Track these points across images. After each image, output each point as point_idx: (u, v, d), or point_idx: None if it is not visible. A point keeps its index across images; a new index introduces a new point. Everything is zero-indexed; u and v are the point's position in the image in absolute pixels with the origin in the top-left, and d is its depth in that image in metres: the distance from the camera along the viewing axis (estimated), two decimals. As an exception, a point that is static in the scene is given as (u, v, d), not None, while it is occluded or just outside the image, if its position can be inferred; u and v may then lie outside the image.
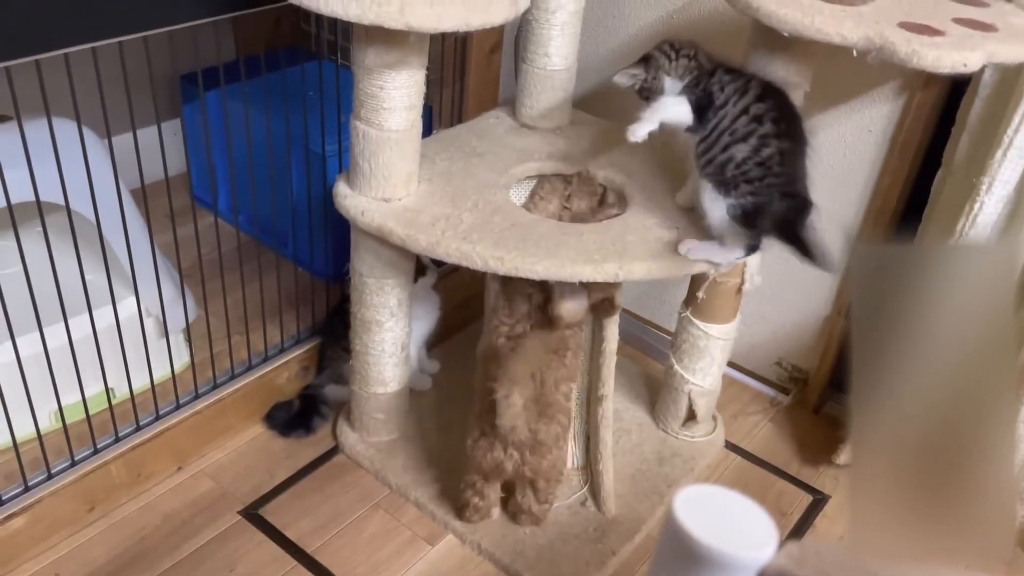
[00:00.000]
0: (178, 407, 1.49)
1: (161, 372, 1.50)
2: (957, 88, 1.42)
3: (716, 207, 1.21)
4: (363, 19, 1.03)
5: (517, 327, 1.33)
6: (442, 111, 1.76)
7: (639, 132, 1.22)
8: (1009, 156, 1.29)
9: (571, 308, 1.27)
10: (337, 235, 1.69)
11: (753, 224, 1.19)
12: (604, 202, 1.42)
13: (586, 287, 1.27)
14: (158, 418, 1.47)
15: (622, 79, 1.27)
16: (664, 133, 1.26)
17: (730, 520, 0.62)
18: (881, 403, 0.73)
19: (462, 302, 1.82)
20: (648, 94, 1.26)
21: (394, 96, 1.21)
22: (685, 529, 0.59)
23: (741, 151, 1.18)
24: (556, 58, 1.50)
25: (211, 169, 1.89)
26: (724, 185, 1.19)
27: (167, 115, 1.98)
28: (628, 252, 1.24)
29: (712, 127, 1.20)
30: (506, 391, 1.22)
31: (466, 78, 1.75)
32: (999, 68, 1.32)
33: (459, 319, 1.86)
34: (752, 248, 1.23)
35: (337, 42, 1.96)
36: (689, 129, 1.22)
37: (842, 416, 1.74)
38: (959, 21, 1.15)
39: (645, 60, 1.26)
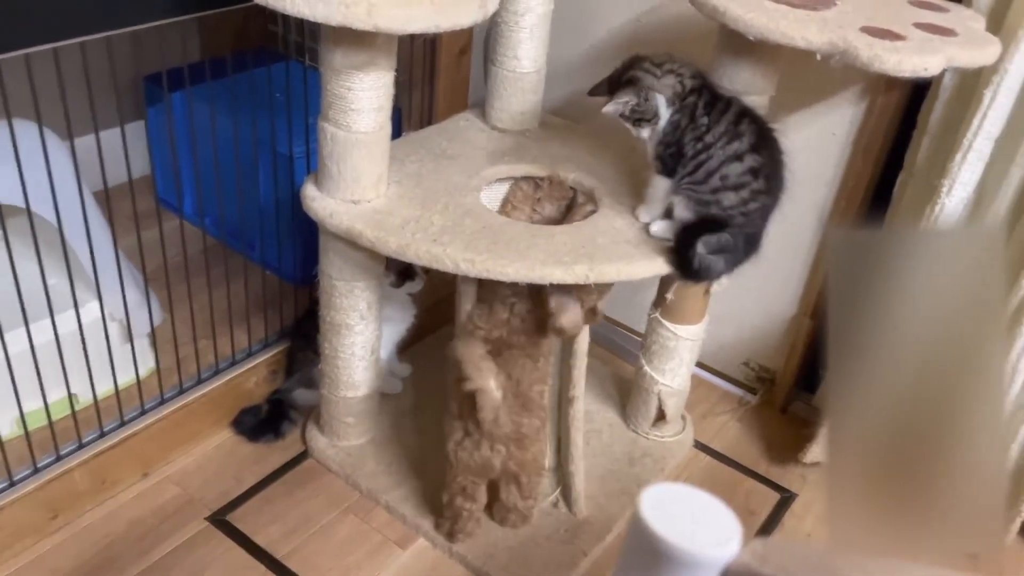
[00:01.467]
0: (143, 413, 1.47)
1: (126, 378, 1.48)
2: (918, 92, 1.45)
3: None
4: (330, 20, 1.03)
5: (494, 332, 1.33)
6: (411, 113, 1.76)
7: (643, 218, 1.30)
8: (969, 159, 1.32)
9: (571, 318, 1.27)
10: (306, 238, 1.67)
11: (720, 249, 1.24)
12: (574, 206, 1.43)
13: (578, 297, 1.27)
14: (123, 424, 1.44)
15: (613, 108, 1.23)
16: (633, 140, 1.28)
17: (695, 518, 0.62)
18: (857, 392, 0.73)
19: (433, 305, 1.82)
20: (640, 116, 1.23)
21: (362, 98, 1.21)
22: (650, 527, 0.60)
23: (729, 199, 1.20)
24: (525, 60, 1.51)
25: (176, 171, 1.87)
26: (708, 218, 1.22)
27: (131, 117, 1.96)
28: (598, 254, 1.24)
29: (695, 167, 1.21)
30: (483, 382, 1.22)
31: (435, 80, 1.75)
32: (959, 72, 1.35)
33: (430, 322, 1.85)
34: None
35: (304, 43, 1.95)
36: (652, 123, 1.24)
37: (808, 415, 1.76)
38: (920, 26, 1.17)
39: (631, 82, 1.22)
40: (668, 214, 1.28)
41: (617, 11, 1.69)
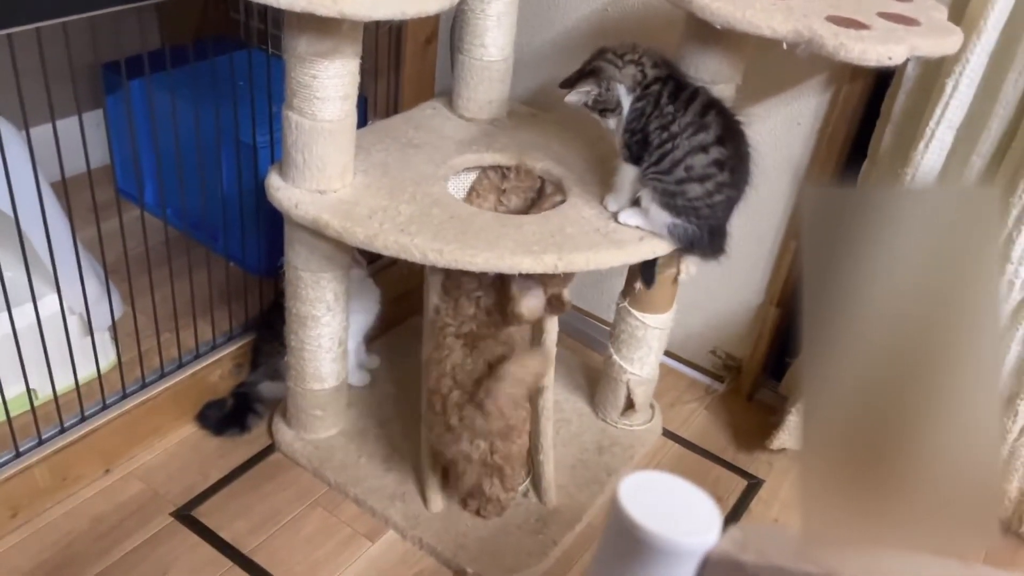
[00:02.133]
0: (105, 407, 1.44)
1: (86, 372, 1.44)
2: (882, 81, 1.46)
3: (658, 214, 1.25)
4: (294, 7, 1.01)
5: (463, 327, 1.32)
6: (377, 102, 1.74)
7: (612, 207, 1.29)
8: (931, 148, 1.34)
9: (532, 305, 1.27)
10: (270, 229, 1.65)
11: (685, 237, 1.26)
12: (542, 196, 1.42)
13: (542, 284, 1.27)
14: (84, 419, 1.41)
15: (575, 98, 1.25)
16: (602, 129, 1.28)
17: (675, 506, 0.62)
18: (832, 361, 0.70)
19: (400, 296, 1.80)
20: (603, 106, 1.24)
21: (328, 85, 1.19)
22: (629, 516, 0.59)
23: (695, 190, 1.21)
24: (493, 49, 1.50)
25: (136, 161, 1.83)
26: (673, 209, 1.23)
27: (88, 105, 1.90)
28: (567, 244, 1.24)
29: (660, 156, 1.21)
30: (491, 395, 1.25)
31: (401, 69, 1.73)
32: (921, 62, 1.36)
33: (398, 313, 1.84)
34: (668, 236, 1.28)
35: (267, 30, 1.91)
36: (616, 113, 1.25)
37: (774, 403, 1.78)
38: (884, 15, 1.18)
39: (593, 73, 1.23)
40: (637, 203, 1.29)
41: (584, 0, 1.69)
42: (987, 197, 0.67)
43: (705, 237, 1.26)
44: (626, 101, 1.23)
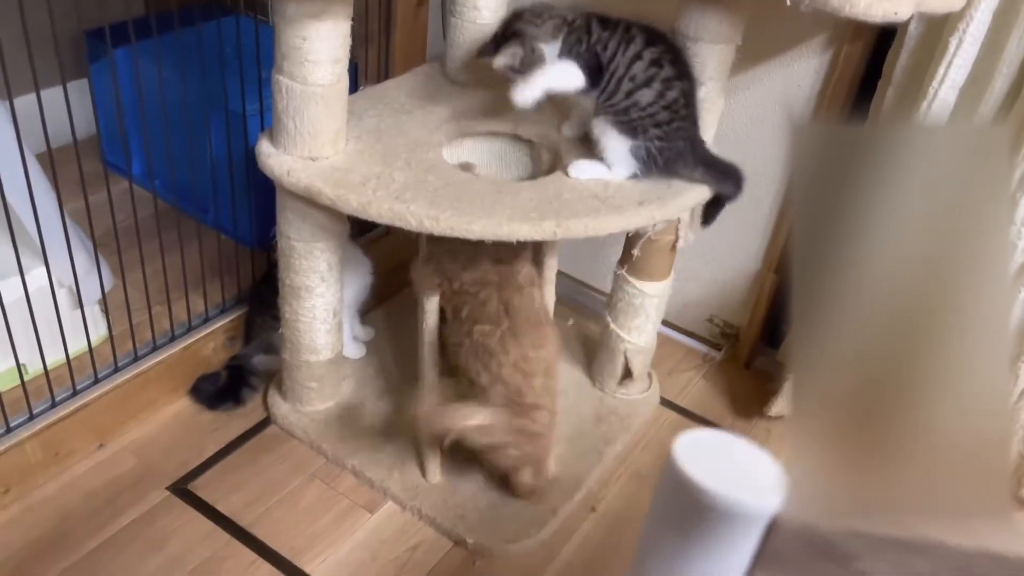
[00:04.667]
0: (96, 381, 1.42)
1: (77, 346, 1.42)
2: (883, 41, 1.43)
3: (618, 144, 1.26)
4: (284, -36, 0.98)
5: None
6: (368, 68, 1.70)
7: (528, 97, 1.23)
8: (934, 108, 1.32)
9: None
10: (261, 199, 1.62)
11: (654, 162, 1.26)
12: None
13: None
14: (75, 394, 1.39)
15: (503, 60, 1.24)
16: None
17: (735, 466, 0.56)
18: (826, 314, 0.66)
19: (394, 268, 1.77)
20: (530, 66, 1.24)
21: (319, 48, 1.16)
22: (689, 478, 0.53)
23: (646, 96, 1.22)
24: (485, 11, 1.46)
25: (122, 132, 1.80)
26: (631, 128, 1.24)
27: (73, 74, 1.86)
28: (565, 210, 1.22)
29: (608, 79, 1.23)
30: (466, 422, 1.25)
31: (392, 33, 1.69)
32: (925, 19, 1.34)
33: (392, 285, 1.82)
34: (635, 175, 1.29)
35: (255, -4, 1.87)
36: (583, 91, 1.24)
37: (772, 370, 1.77)
38: (888, -28, 1.15)
39: (515, 36, 1.23)
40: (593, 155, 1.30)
41: (578, -39, 1.65)
42: (997, 135, 0.63)
43: (686, 147, 1.26)
44: (551, 49, 1.24)
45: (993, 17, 1.25)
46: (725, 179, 1.32)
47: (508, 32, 1.26)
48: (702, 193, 1.31)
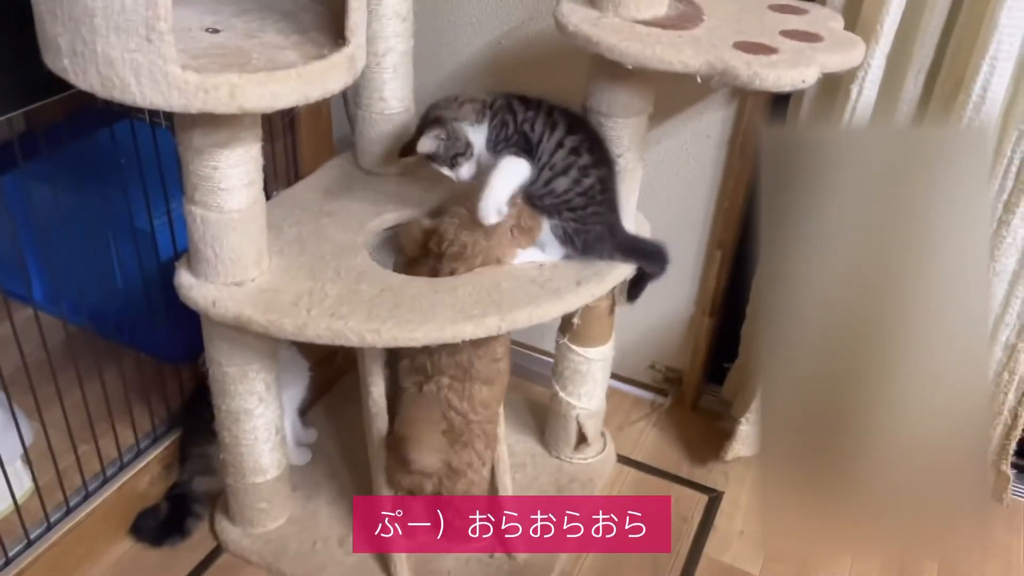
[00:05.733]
0: (29, 544, 1.32)
1: (2, 506, 1.32)
2: (785, 89, 1.47)
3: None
4: (189, 109, 0.93)
5: (417, 359, 1.29)
6: (276, 167, 1.65)
7: (495, 212, 1.22)
8: (843, 151, 1.36)
9: None
10: (179, 312, 1.54)
11: (571, 243, 1.27)
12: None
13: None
14: (8, 562, 1.29)
15: (427, 144, 1.23)
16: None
17: None
18: (790, 332, 0.68)
19: (324, 358, 1.72)
20: (455, 151, 1.23)
21: (231, 175, 1.11)
22: None
23: (562, 184, 1.23)
24: (393, 101, 1.44)
25: (20, 257, 1.69)
26: (545, 210, 1.25)
27: (-45, 205, 1.75)
28: (506, 301, 1.20)
29: (535, 162, 1.22)
30: (416, 440, 1.27)
31: (296, 127, 1.64)
32: (822, 69, 1.38)
33: (326, 377, 1.76)
34: (568, 256, 1.29)
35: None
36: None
37: (719, 408, 1.79)
38: (787, 34, 1.18)
39: (436, 121, 1.23)
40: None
41: (477, 35, 1.64)
42: (977, 136, 0.66)
43: (603, 231, 1.27)
44: (477, 134, 1.23)
45: (887, 61, 1.30)
46: (648, 260, 1.33)
47: (427, 123, 1.25)
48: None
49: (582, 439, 1.61)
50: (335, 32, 1.07)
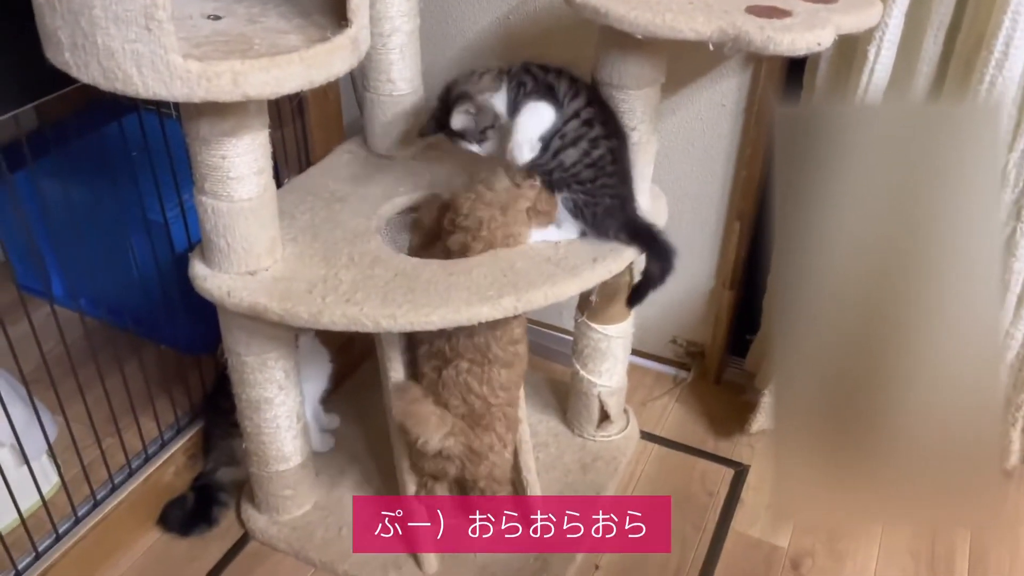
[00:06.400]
0: (59, 538, 1.33)
1: (30, 502, 1.33)
2: (801, 54, 1.44)
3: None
4: (192, 98, 0.92)
5: (435, 344, 1.29)
6: (287, 153, 1.63)
7: (526, 153, 1.20)
8: (862, 115, 1.32)
9: None
10: (195, 302, 1.55)
11: (583, 217, 1.24)
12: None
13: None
14: (38, 556, 1.30)
15: (460, 120, 1.22)
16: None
17: None
18: (803, 312, 0.68)
19: (345, 344, 1.72)
20: (485, 125, 1.22)
21: (239, 164, 1.10)
22: None
23: (570, 156, 1.21)
24: (401, 82, 1.42)
25: (37, 253, 1.70)
26: (555, 184, 1.23)
27: (-28, 204, 1.75)
28: (522, 281, 1.18)
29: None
30: (436, 420, 1.24)
31: (306, 110, 1.63)
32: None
33: (347, 363, 1.76)
34: (584, 233, 1.27)
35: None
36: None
37: (743, 381, 1.77)
38: (800, -4, 1.15)
39: (460, 98, 1.21)
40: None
41: (483, 12, 1.62)
42: (989, 112, 0.66)
43: (613, 204, 1.24)
44: (500, 102, 1.21)
45: (905, 20, 1.26)
46: (653, 250, 1.28)
47: (448, 102, 1.23)
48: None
49: (604, 417, 1.60)
50: (338, 14, 1.05)
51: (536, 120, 1.20)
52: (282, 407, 1.33)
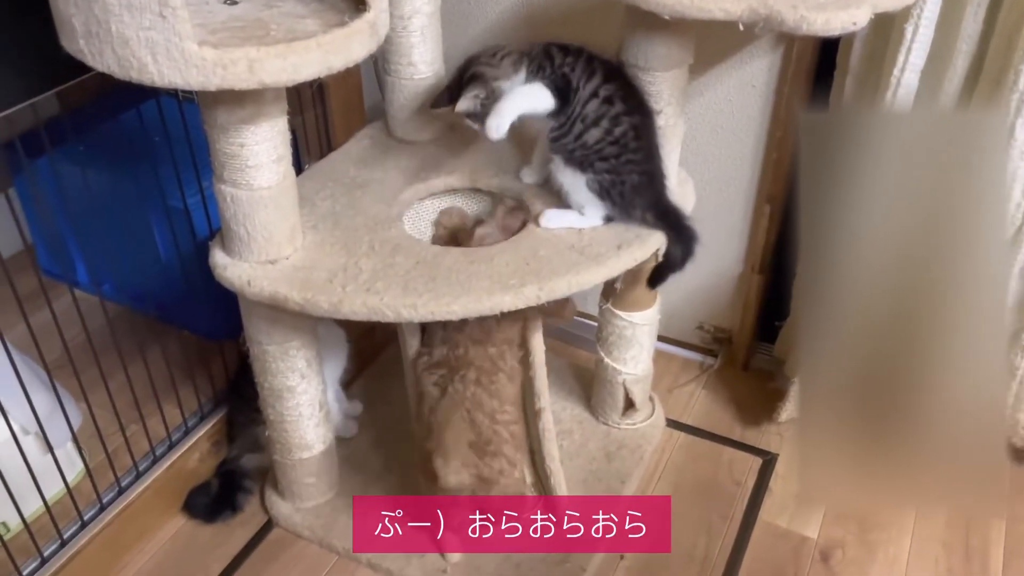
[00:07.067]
0: (84, 525, 1.34)
1: (55, 490, 1.34)
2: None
3: (575, 181, 1.22)
4: (207, 86, 0.90)
5: (436, 353, 1.27)
6: (308, 138, 1.62)
7: (501, 129, 1.18)
8: (898, 95, 1.28)
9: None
10: (217, 288, 1.54)
11: (609, 197, 1.22)
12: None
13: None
14: (64, 544, 1.31)
15: (464, 105, 1.19)
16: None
17: None
18: (829, 309, 0.69)
19: (367, 331, 1.71)
20: (491, 111, 1.19)
21: (258, 152, 1.08)
22: None
23: (593, 135, 1.18)
24: (422, 65, 1.39)
25: (59, 240, 1.70)
26: (579, 164, 1.20)
27: (-3, 189, 1.76)
28: (545, 269, 1.16)
29: (570, 111, 1.18)
30: (443, 460, 1.21)
31: (326, 96, 1.61)
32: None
33: (369, 349, 1.75)
34: (609, 218, 1.25)
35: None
36: (550, 114, 1.19)
37: (771, 367, 1.74)
38: (835, -28, 1.10)
39: (474, 79, 1.19)
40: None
41: (505, -10, 1.58)
42: (994, 121, 0.67)
43: (641, 181, 1.21)
44: (514, 85, 1.19)
45: (944, -4, 1.21)
46: (678, 234, 1.26)
47: (465, 77, 1.21)
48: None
49: (630, 404, 1.58)
50: (356, -3, 1.03)
51: (525, 100, 1.19)
52: (304, 395, 1.33)
